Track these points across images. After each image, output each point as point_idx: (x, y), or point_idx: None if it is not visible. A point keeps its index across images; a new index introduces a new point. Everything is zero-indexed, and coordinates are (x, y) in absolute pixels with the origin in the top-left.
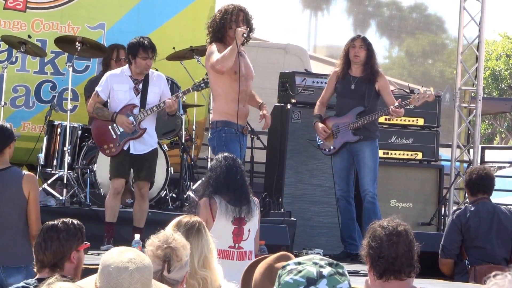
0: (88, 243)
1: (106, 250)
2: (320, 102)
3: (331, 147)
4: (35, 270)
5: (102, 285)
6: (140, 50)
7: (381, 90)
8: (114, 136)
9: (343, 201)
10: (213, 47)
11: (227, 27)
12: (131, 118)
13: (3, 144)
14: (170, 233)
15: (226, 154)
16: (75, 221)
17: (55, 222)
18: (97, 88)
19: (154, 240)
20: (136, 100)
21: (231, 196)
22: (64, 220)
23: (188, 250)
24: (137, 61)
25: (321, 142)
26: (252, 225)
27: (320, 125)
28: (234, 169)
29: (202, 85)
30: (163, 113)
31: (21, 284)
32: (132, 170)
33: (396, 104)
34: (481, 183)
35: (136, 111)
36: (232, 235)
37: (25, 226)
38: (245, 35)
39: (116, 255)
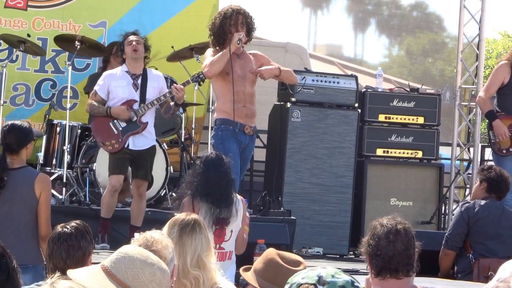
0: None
1: (102, 249)
2: (486, 96)
3: (510, 149)
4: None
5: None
6: (124, 41)
7: None
8: (116, 132)
9: None
10: (208, 51)
11: (227, 32)
12: (131, 113)
13: (19, 145)
14: (149, 236)
15: (208, 158)
16: (83, 224)
17: (69, 229)
18: (95, 87)
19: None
20: (136, 96)
21: (213, 199)
22: (75, 225)
23: (170, 247)
24: (126, 49)
25: (496, 139)
26: (235, 225)
27: (503, 125)
28: (214, 176)
29: (202, 76)
30: (166, 110)
31: (33, 285)
32: (130, 167)
33: None
34: (505, 187)
35: (136, 106)
36: (213, 236)
37: (35, 227)
38: (239, 42)
39: (141, 249)
